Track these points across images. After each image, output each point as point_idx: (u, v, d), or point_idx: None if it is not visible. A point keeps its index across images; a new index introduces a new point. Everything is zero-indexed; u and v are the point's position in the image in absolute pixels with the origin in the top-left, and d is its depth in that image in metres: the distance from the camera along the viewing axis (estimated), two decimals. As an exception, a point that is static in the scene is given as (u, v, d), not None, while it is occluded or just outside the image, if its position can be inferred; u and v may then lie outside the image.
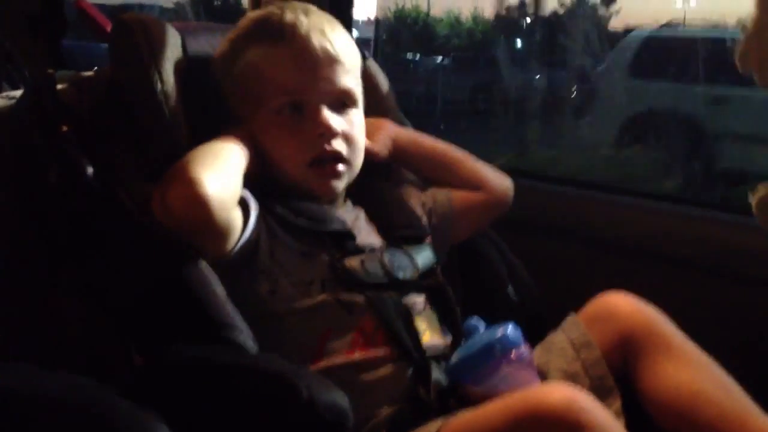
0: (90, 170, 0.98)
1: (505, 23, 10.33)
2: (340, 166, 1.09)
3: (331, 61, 1.07)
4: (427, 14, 11.67)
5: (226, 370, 0.87)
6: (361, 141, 1.12)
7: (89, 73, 1.14)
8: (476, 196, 1.24)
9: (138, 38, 1.03)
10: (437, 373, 1.00)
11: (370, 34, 1.93)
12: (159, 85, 1.02)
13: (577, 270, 1.42)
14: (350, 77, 1.11)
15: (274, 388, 0.83)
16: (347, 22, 1.20)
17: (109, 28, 1.22)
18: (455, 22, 11.88)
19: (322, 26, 1.08)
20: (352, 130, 1.10)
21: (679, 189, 4.26)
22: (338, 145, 1.07)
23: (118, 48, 1.06)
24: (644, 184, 4.33)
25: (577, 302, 1.15)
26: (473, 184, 1.24)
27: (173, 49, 1.06)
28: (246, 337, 0.93)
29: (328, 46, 1.07)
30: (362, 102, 1.14)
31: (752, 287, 1.24)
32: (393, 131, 1.24)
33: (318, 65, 1.07)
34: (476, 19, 11.64)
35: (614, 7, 10.07)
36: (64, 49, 1.17)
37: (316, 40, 1.06)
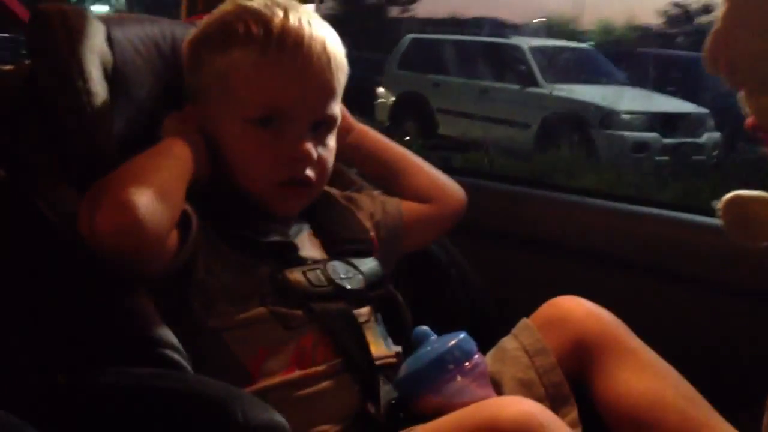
0: (1, 173, 0.90)
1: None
2: (306, 192, 1.03)
3: (324, 81, 1.00)
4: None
5: (156, 392, 0.80)
6: (331, 166, 1.06)
7: (8, 67, 1.06)
8: (429, 208, 1.19)
9: (56, 28, 0.94)
10: (386, 387, 0.95)
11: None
12: (79, 80, 0.93)
13: (528, 273, 1.39)
14: (336, 101, 1.03)
15: (208, 411, 0.77)
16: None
17: (26, 18, 1.13)
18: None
19: (324, 39, 0.99)
20: (324, 155, 1.02)
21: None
22: (311, 171, 1.00)
23: (34, 38, 0.97)
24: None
25: (527, 306, 1.12)
26: (427, 195, 1.19)
27: (96, 39, 0.98)
28: (179, 355, 0.85)
29: (327, 65, 0.99)
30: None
31: (708, 290, 1.22)
32: (356, 126, 1.19)
33: (312, 86, 0.99)
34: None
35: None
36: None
37: (317, 55, 0.98)
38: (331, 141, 1.04)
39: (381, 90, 8.10)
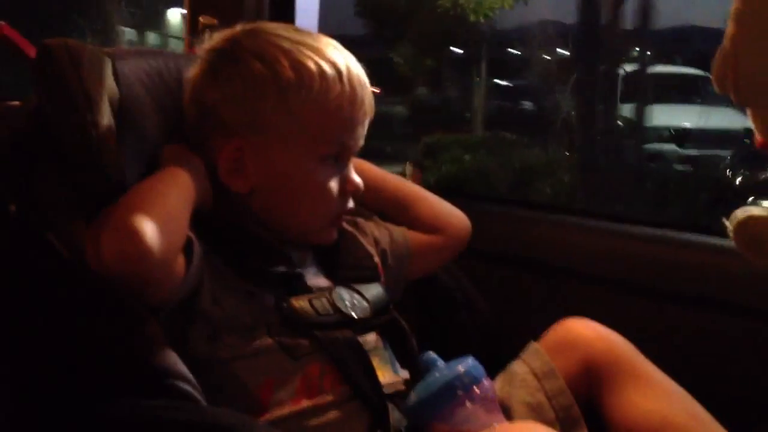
0: (12, 208, 0.90)
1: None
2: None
3: (368, 114, 1.04)
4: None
5: (172, 424, 0.80)
6: None
7: (15, 103, 1.07)
8: (434, 238, 1.20)
9: (63, 62, 0.95)
10: (395, 414, 0.95)
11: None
12: (87, 114, 0.94)
13: (535, 296, 1.39)
14: None
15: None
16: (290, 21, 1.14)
17: (33, 54, 1.14)
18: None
19: (363, 74, 1.03)
20: None
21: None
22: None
23: (42, 74, 0.98)
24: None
25: (535, 329, 1.11)
26: (432, 225, 1.20)
27: (102, 73, 0.99)
28: (191, 386, 0.85)
29: (371, 106, 1.04)
30: None
31: (716, 310, 1.22)
32: (359, 165, 1.17)
33: (364, 118, 1.03)
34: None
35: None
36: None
37: (367, 93, 1.03)
38: None
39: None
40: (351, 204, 1.05)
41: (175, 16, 10.72)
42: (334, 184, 1.01)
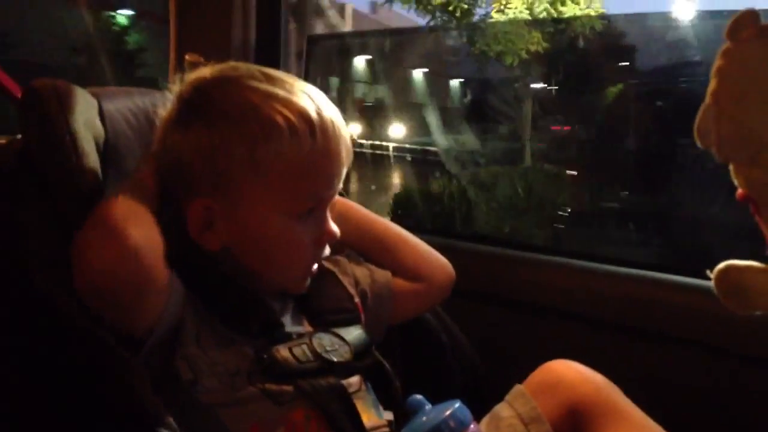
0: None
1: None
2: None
3: (345, 164, 1.00)
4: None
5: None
6: None
7: (1, 141, 1.06)
8: (417, 286, 1.18)
9: (50, 103, 0.95)
10: None
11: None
12: (73, 155, 0.94)
13: (518, 336, 1.39)
14: None
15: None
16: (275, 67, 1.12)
17: (18, 93, 1.14)
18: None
19: (339, 122, 0.99)
20: None
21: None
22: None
23: (29, 115, 0.98)
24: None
25: (519, 370, 1.11)
26: (415, 272, 1.18)
27: (88, 114, 0.99)
28: (170, 430, 0.84)
29: (346, 149, 0.99)
30: None
31: (698, 352, 1.23)
32: (338, 200, 1.15)
33: (340, 170, 0.99)
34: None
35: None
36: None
37: (343, 142, 0.98)
38: None
39: None
40: (327, 251, 1.04)
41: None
42: (308, 238, 0.99)
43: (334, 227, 1.01)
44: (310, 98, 0.96)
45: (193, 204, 0.95)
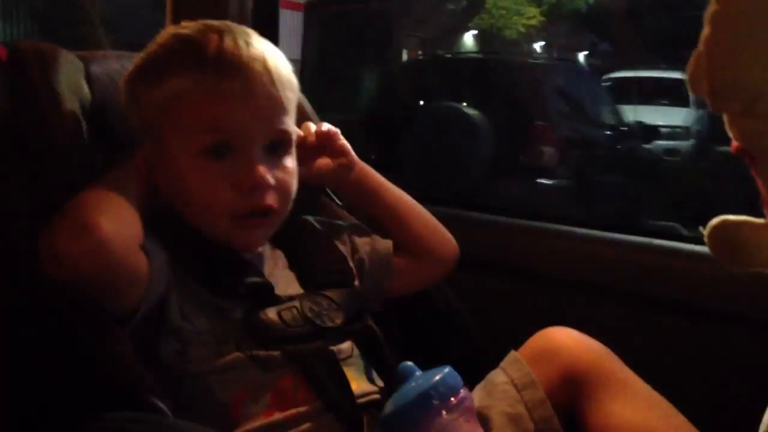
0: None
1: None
2: (268, 221, 0.98)
3: (270, 98, 0.95)
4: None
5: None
6: (293, 189, 1.01)
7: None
8: (419, 262, 1.16)
9: (32, 67, 0.94)
10: (371, 425, 0.93)
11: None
12: (55, 117, 0.93)
13: (515, 304, 1.37)
14: (288, 117, 0.99)
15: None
16: (274, 38, 1.09)
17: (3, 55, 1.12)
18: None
19: (264, 57, 0.95)
20: (285, 178, 0.98)
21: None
22: (270, 198, 0.95)
23: (11, 77, 0.97)
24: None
25: (515, 338, 1.10)
26: (421, 246, 1.16)
27: (73, 76, 0.98)
28: (158, 399, 0.83)
29: (270, 82, 0.95)
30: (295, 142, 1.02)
31: (698, 318, 1.21)
32: (358, 163, 1.14)
33: (255, 103, 0.94)
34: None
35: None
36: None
37: (257, 74, 0.94)
38: (290, 162, 1.00)
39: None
40: (267, 200, 0.95)
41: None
42: (222, 182, 0.93)
43: (263, 172, 0.94)
44: (220, 35, 0.95)
45: (137, 156, 0.96)
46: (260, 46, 0.97)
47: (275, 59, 0.98)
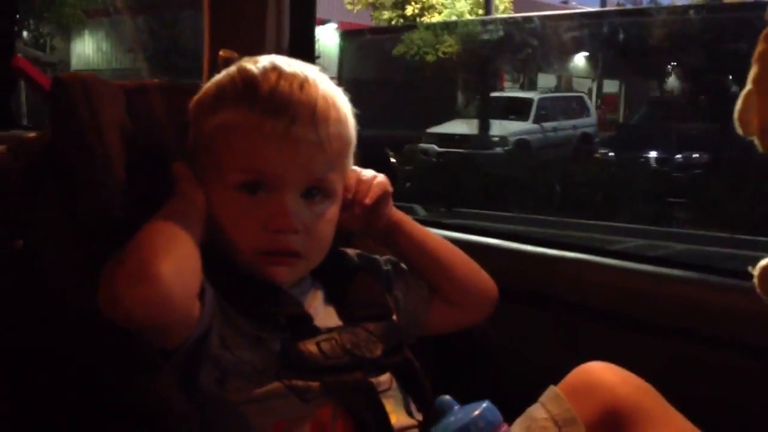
0: (19, 244, 0.89)
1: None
2: (292, 261, 0.97)
3: (311, 145, 0.94)
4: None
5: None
6: (327, 236, 1.01)
7: (32, 134, 1.07)
8: (459, 309, 1.15)
9: (77, 98, 0.95)
10: None
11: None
12: (98, 148, 0.94)
13: (554, 337, 1.35)
14: (330, 165, 0.98)
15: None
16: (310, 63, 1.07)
17: (48, 86, 1.14)
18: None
19: (314, 103, 0.95)
20: (316, 225, 0.98)
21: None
22: (295, 242, 0.96)
23: (56, 108, 0.98)
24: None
25: (554, 372, 1.08)
26: (462, 300, 1.15)
27: (116, 109, 0.99)
28: (194, 427, 0.83)
29: (313, 129, 0.94)
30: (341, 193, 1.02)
31: (741, 354, 1.18)
32: (394, 213, 1.12)
33: (295, 148, 0.93)
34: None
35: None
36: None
37: (302, 119, 0.93)
38: (327, 210, 1.00)
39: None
40: (290, 243, 0.95)
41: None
42: (249, 217, 0.94)
43: (292, 216, 0.94)
44: (279, 76, 0.95)
45: (198, 195, 0.97)
46: (315, 92, 0.96)
47: (327, 109, 0.96)
